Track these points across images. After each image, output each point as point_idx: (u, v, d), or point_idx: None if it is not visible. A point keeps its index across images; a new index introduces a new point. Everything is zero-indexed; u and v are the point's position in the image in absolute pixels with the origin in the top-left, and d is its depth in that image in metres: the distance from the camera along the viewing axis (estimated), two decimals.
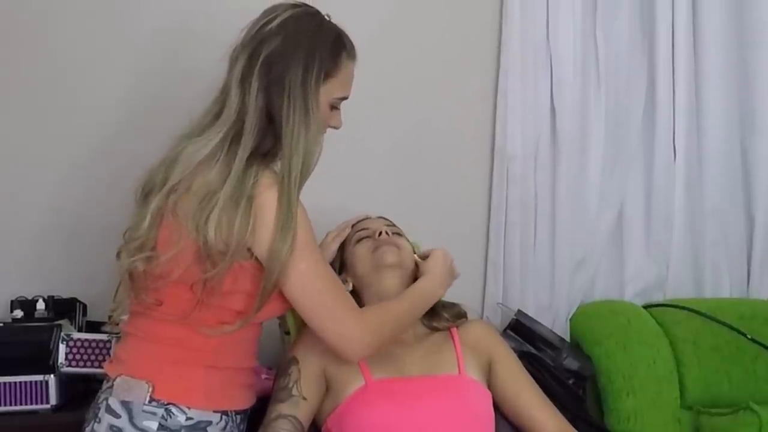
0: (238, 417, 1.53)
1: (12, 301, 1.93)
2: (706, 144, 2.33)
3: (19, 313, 1.91)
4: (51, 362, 1.80)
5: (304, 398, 1.60)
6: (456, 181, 2.27)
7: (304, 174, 1.46)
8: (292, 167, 1.43)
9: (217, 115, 1.46)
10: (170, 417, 1.42)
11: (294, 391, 1.60)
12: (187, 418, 1.43)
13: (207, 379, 1.46)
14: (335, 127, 1.56)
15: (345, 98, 1.55)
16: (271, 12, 1.49)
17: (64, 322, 1.88)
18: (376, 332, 1.50)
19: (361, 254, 1.73)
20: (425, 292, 1.65)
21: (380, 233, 1.75)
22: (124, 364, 1.48)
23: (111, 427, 1.42)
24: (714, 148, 2.33)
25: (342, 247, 1.80)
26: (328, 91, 1.50)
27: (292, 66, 1.44)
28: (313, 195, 2.12)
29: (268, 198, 1.41)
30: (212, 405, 1.46)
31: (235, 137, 1.43)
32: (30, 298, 1.93)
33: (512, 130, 2.22)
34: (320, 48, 1.47)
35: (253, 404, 1.58)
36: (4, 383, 1.76)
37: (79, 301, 1.96)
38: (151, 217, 1.43)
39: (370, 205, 1.90)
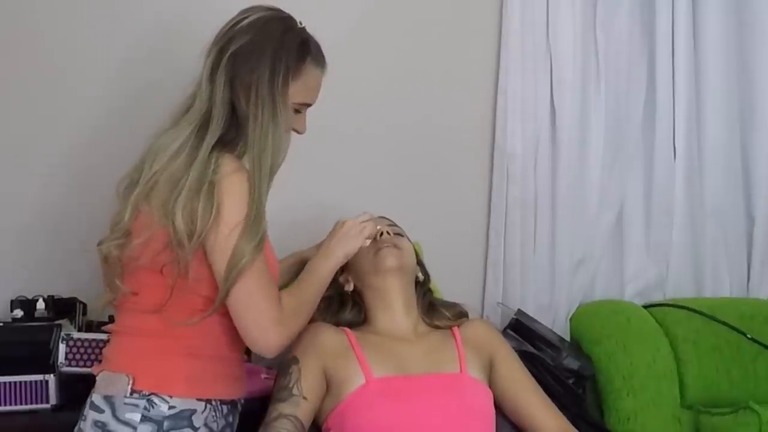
0: (224, 407, 1.52)
1: (12, 301, 1.92)
2: (706, 143, 2.33)
3: (19, 313, 1.90)
4: (51, 362, 1.79)
5: (305, 398, 1.60)
6: (456, 179, 2.27)
7: (273, 171, 1.48)
8: (262, 164, 1.45)
9: (188, 108, 1.50)
10: (153, 407, 1.42)
11: (294, 391, 1.60)
12: (170, 407, 1.43)
13: (187, 366, 1.47)
14: (298, 132, 1.58)
15: (308, 105, 1.57)
16: (244, 12, 1.54)
17: (64, 322, 1.88)
18: (290, 336, 1.50)
19: (362, 255, 1.72)
20: (317, 271, 1.60)
21: (381, 234, 1.74)
22: (107, 361, 1.51)
23: (95, 422, 1.44)
24: (714, 147, 2.34)
25: None
26: (291, 94, 1.51)
27: (259, 64, 1.47)
28: (313, 193, 2.13)
29: (233, 181, 1.43)
30: (194, 393, 1.46)
31: (202, 126, 1.46)
32: (30, 298, 1.92)
33: (512, 128, 2.22)
34: (286, 50, 1.50)
35: (242, 397, 1.58)
36: (4, 383, 1.76)
37: (79, 301, 1.95)
38: (132, 208, 1.46)
39: (370, 204, 1.89)
